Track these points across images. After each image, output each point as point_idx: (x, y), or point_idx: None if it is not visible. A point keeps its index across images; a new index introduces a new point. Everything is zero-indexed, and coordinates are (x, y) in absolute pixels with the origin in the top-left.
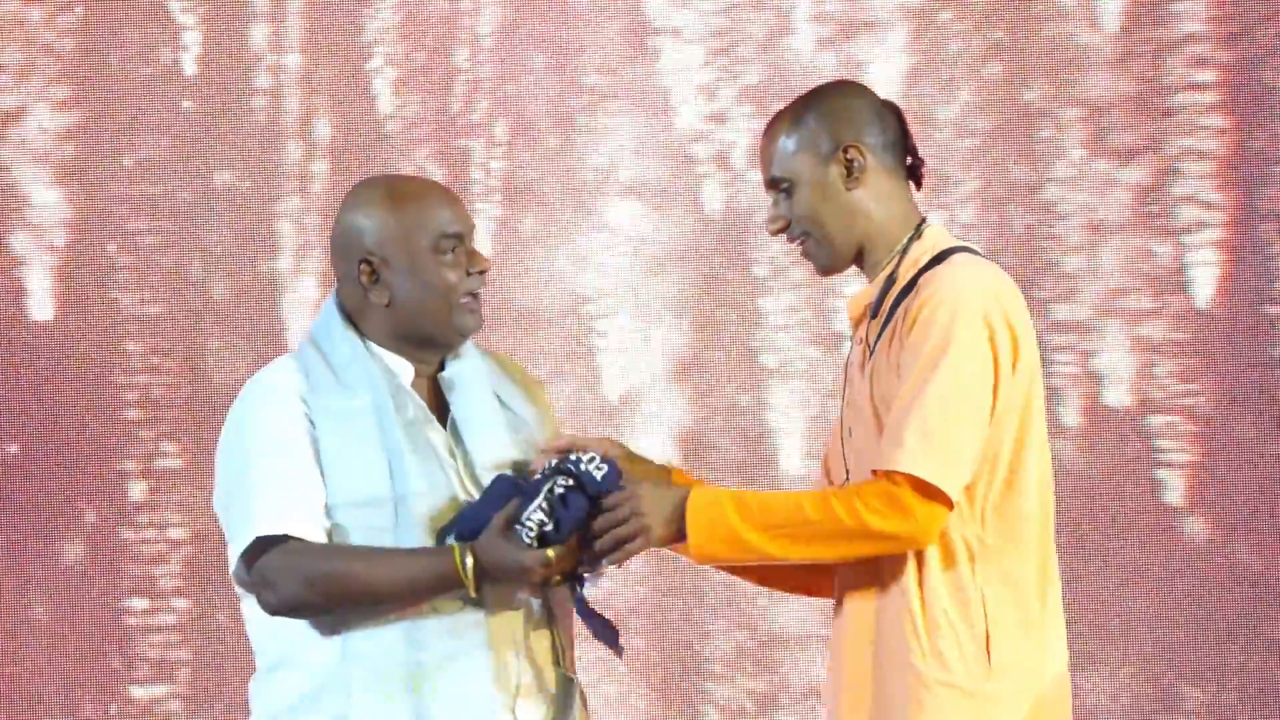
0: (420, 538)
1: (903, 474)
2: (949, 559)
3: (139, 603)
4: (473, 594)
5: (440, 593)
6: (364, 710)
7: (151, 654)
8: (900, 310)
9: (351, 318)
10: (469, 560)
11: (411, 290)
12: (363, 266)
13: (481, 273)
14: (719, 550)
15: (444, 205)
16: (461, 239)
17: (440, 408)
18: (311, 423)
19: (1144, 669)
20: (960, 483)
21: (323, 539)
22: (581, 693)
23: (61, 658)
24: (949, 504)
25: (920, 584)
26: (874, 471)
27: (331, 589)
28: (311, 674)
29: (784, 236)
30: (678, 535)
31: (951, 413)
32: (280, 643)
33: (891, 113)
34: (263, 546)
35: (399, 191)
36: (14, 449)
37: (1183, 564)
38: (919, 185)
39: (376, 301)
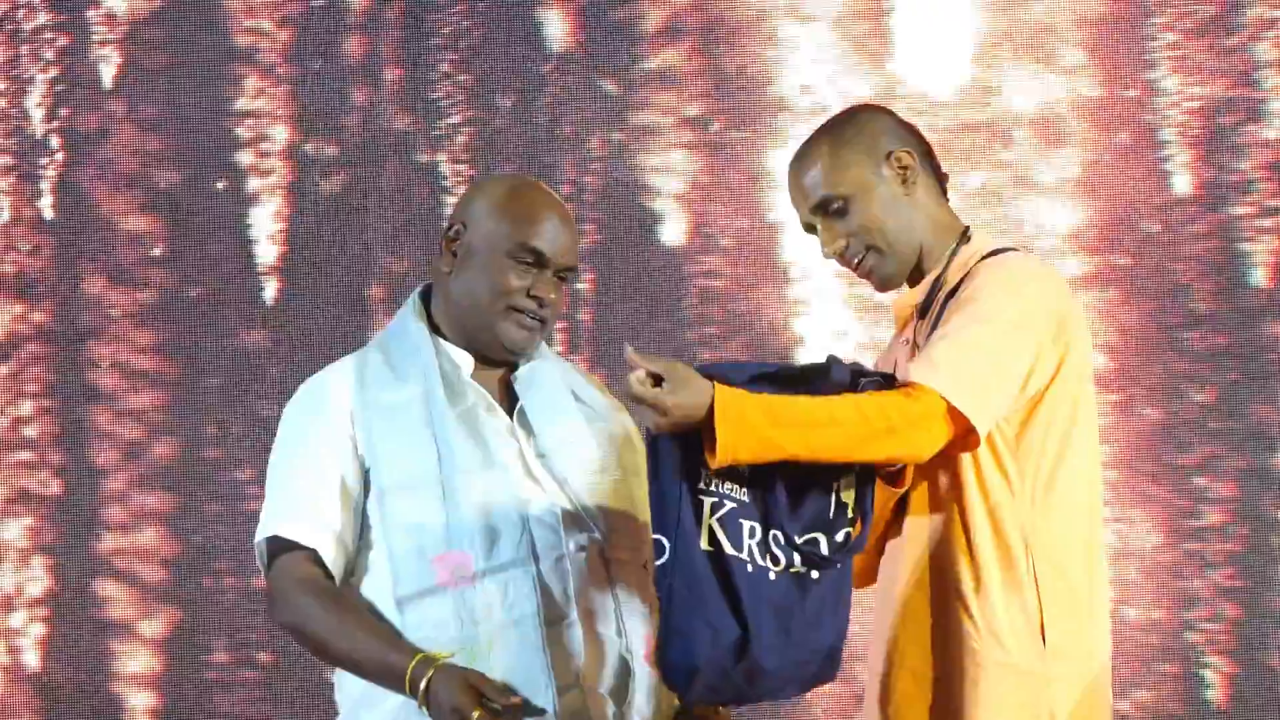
0: (471, 516)
1: (934, 392)
2: (1003, 545)
3: (220, 656)
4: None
5: (388, 686)
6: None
7: (234, 712)
8: (952, 303)
9: (429, 309)
10: (422, 683)
11: (470, 275)
12: (454, 228)
13: (539, 301)
14: (744, 450)
15: (546, 225)
16: (544, 261)
17: (511, 403)
18: (356, 420)
19: None
20: (987, 422)
21: (328, 544)
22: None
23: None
24: (976, 438)
25: (973, 567)
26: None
27: (304, 635)
28: None
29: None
30: (694, 425)
31: (991, 358)
32: None
33: (914, 129)
34: (272, 550)
35: (520, 193)
36: (93, 488)
37: None
38: (945, 199)
39: (444, 269)
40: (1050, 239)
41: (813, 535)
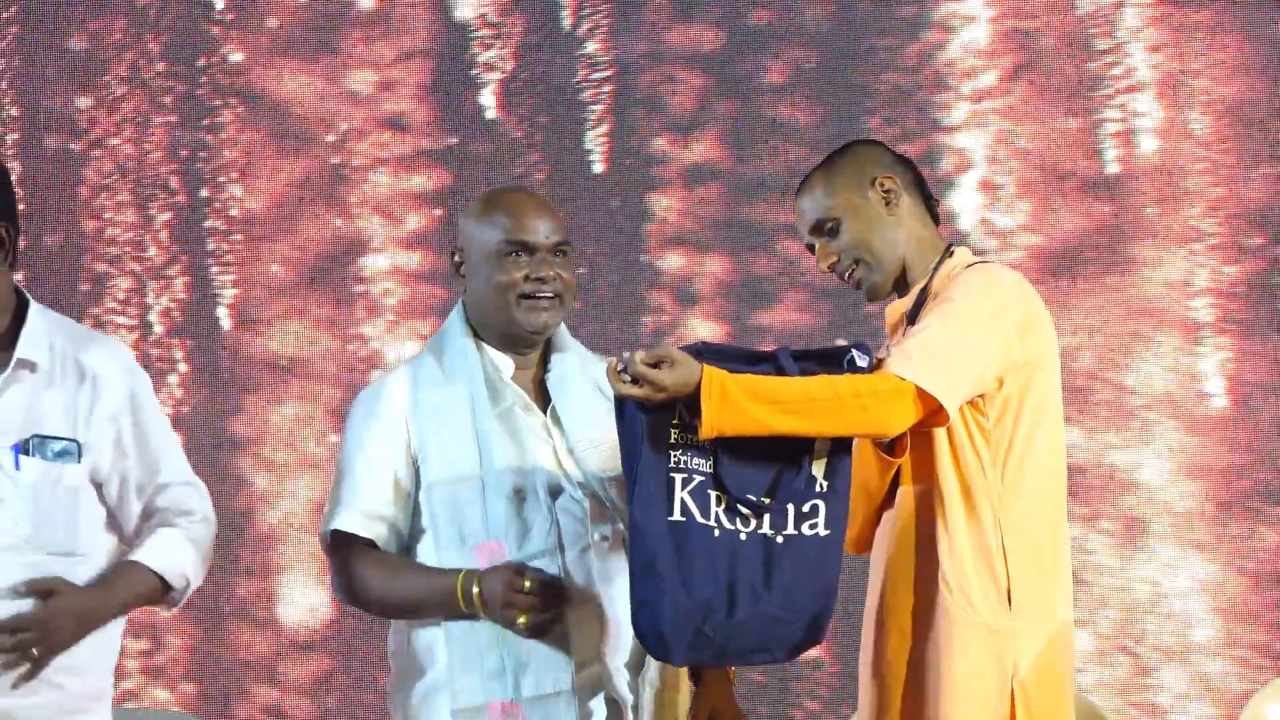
0: (506, 508)
1: (909, 381)
2: (975, 518)
3: (342, 679)
4: (466, 609)
5: (446, 611)
6: (462, 664)
7: None
8: (930, 304)
9: (470, 318)
10: (474, 589)
11: (478, 284)
12: (455, 255)
13: (541, 280)
14: (727, 423)
15: (524, 218)
16: (531, 248)
17: (545, 400)
18: (411, 419)
19: None
20: (954, 400)
21: (385, 535)
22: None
23: None
24: (946, 415)
25: (949, 537)
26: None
27: (365, 600)
28: (424, 630)
29: (822, 275)
30: (684, 398)
31: (957, 346)
32: None
33: (905, 159)
34: (332, 540)
35: (493, 200)
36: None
37: None
38: (937, 222)
39: (459, 289)
40: None
41: (780, 502)
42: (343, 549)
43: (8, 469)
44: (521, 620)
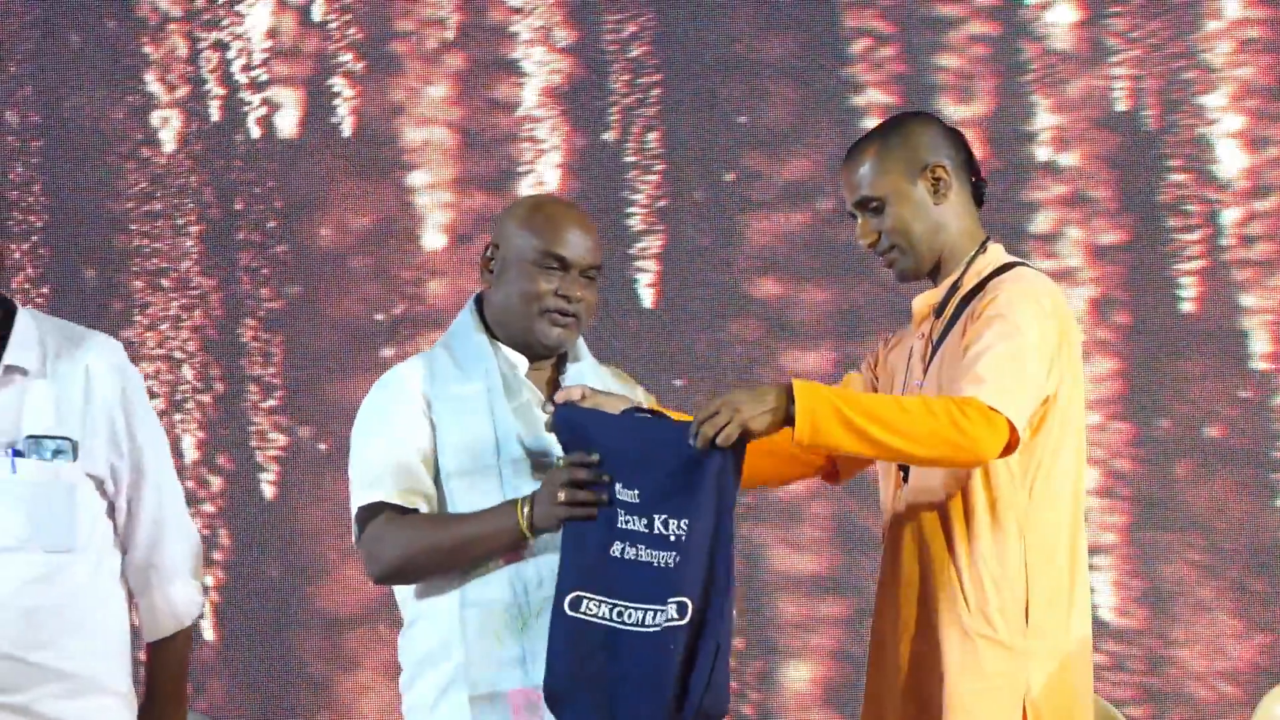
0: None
1: (1001, 413)
2: (1000, 535)
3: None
4: (529, 537)
5: (503, 542)
6: (480, 652)
7: None
8: (968, 310)
9: (484, 315)
10: (525, 507)
11: (505, 285)
12: (489, 249)
13: (567, 299)
14: (823, 420)
15: (567, 234)
16: (567, 264)
17: None
18: (429, 407)
19: None
20: (1022, 428)
21: (421, 505)
22: None
23: None
24: (1016, 442)
25: (970, 553)
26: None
27: (414, 554)
28: (439, 625)
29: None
30: (777, 422)
31: (1023, 370)
32: (415, 601)
33: (959, 138)
34: (364, 517)
35: (542, 208)
36: None
37: None
38: (981, 203)
39: (485, 284)
40: None
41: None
42: (381, 520)
43: (3, 472)
44: (563, 495)
